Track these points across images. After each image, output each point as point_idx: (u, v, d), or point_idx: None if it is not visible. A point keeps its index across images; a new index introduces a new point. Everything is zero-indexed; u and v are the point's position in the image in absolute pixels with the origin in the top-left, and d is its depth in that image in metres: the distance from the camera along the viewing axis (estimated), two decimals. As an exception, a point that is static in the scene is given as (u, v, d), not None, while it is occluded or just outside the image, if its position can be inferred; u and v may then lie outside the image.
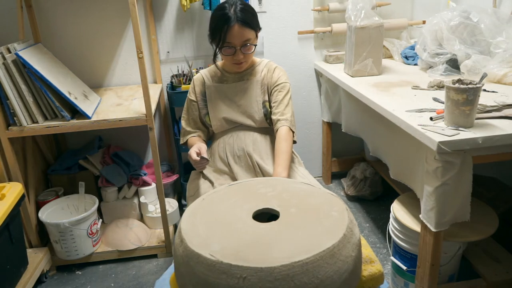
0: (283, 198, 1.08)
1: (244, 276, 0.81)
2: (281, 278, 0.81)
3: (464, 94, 1.27)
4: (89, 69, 2.43)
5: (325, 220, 0.99)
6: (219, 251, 0.86)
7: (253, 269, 0.81)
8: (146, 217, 2.32)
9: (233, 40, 1.54)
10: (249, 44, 1.57)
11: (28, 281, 1.85)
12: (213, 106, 1.70)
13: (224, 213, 1.03)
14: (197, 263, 0.85)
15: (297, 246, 0.89)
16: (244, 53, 1.58)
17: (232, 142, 1.68)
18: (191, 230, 0.94)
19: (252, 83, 1.69)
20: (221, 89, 1.70)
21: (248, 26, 1.54)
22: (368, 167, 2.60)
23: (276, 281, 0.81)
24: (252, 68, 1.71)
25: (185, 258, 0.89)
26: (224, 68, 1.73)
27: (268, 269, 0.81)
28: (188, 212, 1.02)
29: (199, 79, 1.75)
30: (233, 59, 1.59)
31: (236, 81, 1.71)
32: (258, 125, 1.69)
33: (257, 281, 0.81)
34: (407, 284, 1.75)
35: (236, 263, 0.82)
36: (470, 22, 1.84)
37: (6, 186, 1.84)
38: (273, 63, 1.74)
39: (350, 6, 2.08)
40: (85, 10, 2.32)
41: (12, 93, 1.82)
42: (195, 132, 1.75)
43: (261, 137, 1.70)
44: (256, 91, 1.68)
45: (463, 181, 1.33)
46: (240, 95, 1.69)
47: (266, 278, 0.81)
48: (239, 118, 1.68)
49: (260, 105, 1.67)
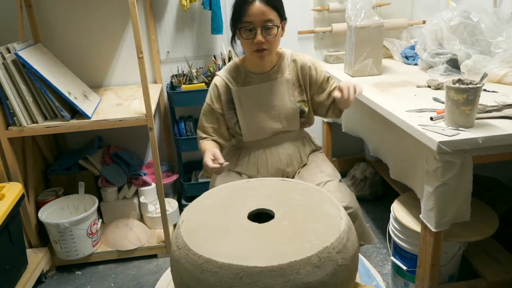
0: (274, 198, 1.08)
1: (262, 276, 0.81)
2: (303, 273, 0.82)
3: (464, 94, 1.27)
4: (89, 69, 2.43)
5: (321, 215, 1.00)
6: (227, 255, 0.86)
7: (270, 268, 0.81)
8: (146, 217, 2.32)
9: (253, 19, 1.40)
10: (271, 25, 1.42)
11: (28, 281, 1.85)
12: (244, 112, 1.56)
13: (219, 216, 1.02)
14: (205, 269, 0.85)
15: (306, 241, 0.89)
16: (265, 36, 1.43)
17: (265, 159, 1.59)
18: (189, 236, 0.94)
19: (282, 82, 1.56)
20: (250, 92, 1.57)
21: (270, 5, 1.41)
22: (368, 167, 2.60)
23: (290, 279, 0.81)
24: (278, 65, 1.58)
25: (189, 265, 0.88)
26: (246, 68, 1.59)
27: (288, 264, 0.82)
28: (182, 219, 1.01)
29: (223, 85, 1.58)
30: (253, 44, 1.44)
31: (263, 81, 1.57)
32: (293, 127, 1.59)
33: (271, 280, 0.81)
34: (407, 284, 1.75)
35: (253, 264, 0.82)
36: (470, 22, 1.84)
37: (6, 186, 1.84)
38: (298, 56, 1.60)
39: (350, 6, 2.08)
40: (85, 10, 2.32)
41: (12, 93, 1.82)
42: (213, 136, 1.61)
43: (294, 149, 1.62)
44: (288, 91, 1.56)
45: (463, 181, 1.33)
46: (271, 97, 1.56)
47: (280, 276, 0.81)
48: (273, 124, 1.57)
49: (294, 104, 1.56)
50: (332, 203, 1.04)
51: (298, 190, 1.12)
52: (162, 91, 2.48)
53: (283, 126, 1.58)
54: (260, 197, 1.09)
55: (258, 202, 1.06)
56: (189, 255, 0.89)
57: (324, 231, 0.92)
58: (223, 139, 1.63)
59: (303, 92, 1.59)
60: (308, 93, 1.60)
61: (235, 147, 1.70)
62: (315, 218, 0.98)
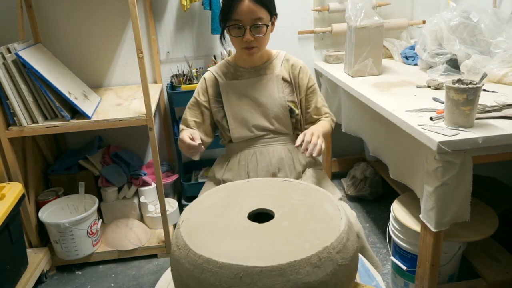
0: (272, 197, 1.08)
1: (262, 276, 0.81)
2: (303, 272, 0.82)
3: (464, 94, 1.27)
4: (89, 69, 2.43)
5: (321, 214, 1.00)
6: (227, 255, 0.85)
7: (270, 268, 0.81)
8: (146, 217, 2.32)
9: (242, 17, 1.37)
10: (260, 24, 1.39)
11: (28, 281, 1.85)
12: (231, 106, 1.53)
13: (219, 216, 1.02)
14: (207, 270, 0.85)
15: (306, 241, 0.89)
16: (254, 34, 1.40)
17: (255, 161, 1.53)
18: (191, 236, 0.93)
19: (272, 79, 1.52)
20: (237, 86, 1.53)
21: (260, 3, 1.37)
22: (368, 167, 2.60)
23: (290, 279, 0.81)
24: (269, 61, 1.55)
25: (190, 267, 0.87)
26: (236, 63, 1.57)
27: (287, 264, 0.82)
28: (182, 219, 1.01)
29: (211, 78, 1.56)
30: (242, 42, 1.41)
31: (253, 76, 1.54)
32: (284, 128, 1.54)
33: (271, 280, 0.81)
34: (407, 284, 1.75)
35: (253, 264, 0.82)
36: (470, 22, 1.84)
37: (6, 186, 1.84)
38: (292, 57, 1.59)
39: (350, 6, 2.08)
40: (85, 10, 2.32)
41: (12, 93, 1.82)
42: (194, 130, 1.53)
43: (287, 153, 1.54)
44: (278, 87, 1.52)
45: (463, 181, 1.33)
46: (259, 92, 1.52)
47: (279, 276, 0.81)
48: (262, 122, 1.52)
49: (284, 102, 1.51)
50: (332, 203, 1.04)
51: (298, 190, 1.12)
52: (162, 91, 2.48)
53: (273, 126, 1.53)
54: (260, 197, 1.09)
55: (258, 202, 1.06)
56: (189, 255, 0.89)
57: (324, 231, 0.92)
58: (205, 134, 1.58)
59: (293, 93, 1.55)
60: (298, 95, 1.56)
61: (225, 155, 1.64)
62: (315, 218, 0.98)
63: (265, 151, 1.53)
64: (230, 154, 1.60)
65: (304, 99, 1.56)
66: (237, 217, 1.01)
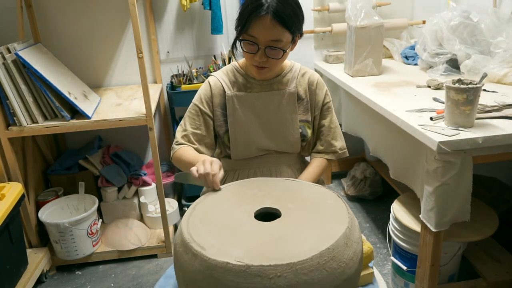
0: (275, 196, 1.08)
1: (278, 274, 0.82)
2: (314, 268, 0.83)
3: (464, 94, 1.27)
4: (89, 69, 2.43)
5: (325, 209, 1.02)
6: (243, 256, 0.86)
7: (286, 265, 0.82)
8: (146, 217, 2.32)
9: (258, 35, 1.19)
10: (277, 48, 1.21)
11: (28, 281, 1.85)
12: (236, 123, 1.34)
13: (223, 214, 1.02)
14: (224, 273, 0.84)
15: (315, 236, 0.91)
16: (268, 56, 1.22)
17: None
18: (200, 240, 0.93)
19: (285, 95, 1.35)
20: (246, 100, 1.34)
21: (282, 23, 1.19)
22: (368, 167, 2.60)
23: (310, 273, 0.83)
24: (283, 75, 1.37)
25: (205, 271, 0.87)
26: (247, 72, 1.37)
27: (301, 262, 0.83)
28: (185, 223, 1.00)
29: (218, 86, 1.36)
30: (253, 59, 1.24)
31: (264, 90, 1.35)
32: (291, 149, 1.39)
33: (293, 276, 0.82)
34: (407, 284, 1.75)
35: (268, 263, 0.83)
36: (470, 22, 1.84)
37: (6, 186, 1.84)
38: (308, 70, 1.42)
39: (350, 6, 2.08)
40: (85, 10, 2.32)
41: (12, 93, 1.82)
42: (195, 144, 1.34)
43: (292, 175, 1.39)
44: (291, 106, 1.35)
45: (463, 181, 1.33)
46: (270, 110, 1.34)
47: (301, 271, 0.82)
48: (268, 143, 1.36)
49: (296, 123, 1.35)
50: (337, 203, 1.04)
51: (303, 189, 1.13)
52: (162, 91, 2.48)
53: (279, 147, 1.38)
54: (266, 196, 1.09)
55: (263, 201, 1.06)
56: (192, 253, 0.89)
57: (327, 231, 0.93)
58: (206, 147, 1.38)
59: (308, 111, 1.38)
60: (313, 112, 1.40)
61: None
62: (318, 217, 0.99)
63: (266, 172, 1.38)
64: (227, 170, 1.41)
65: (318, 116, 1.41)
66: (242, 215, 1.01)
